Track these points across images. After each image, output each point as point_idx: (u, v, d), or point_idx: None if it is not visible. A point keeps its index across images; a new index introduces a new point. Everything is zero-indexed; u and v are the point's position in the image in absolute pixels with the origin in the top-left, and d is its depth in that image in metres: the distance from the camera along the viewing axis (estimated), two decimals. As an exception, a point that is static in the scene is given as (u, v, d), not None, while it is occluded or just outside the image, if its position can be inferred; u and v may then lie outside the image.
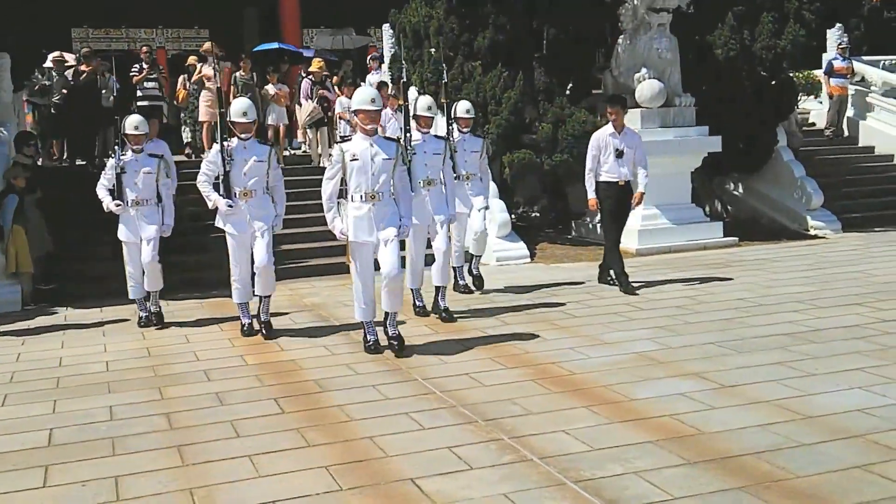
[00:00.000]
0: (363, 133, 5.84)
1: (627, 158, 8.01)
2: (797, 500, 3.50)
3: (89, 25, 24.48)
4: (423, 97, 7.28)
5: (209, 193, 6.59)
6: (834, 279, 8.30)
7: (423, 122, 7.08)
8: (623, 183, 8.04)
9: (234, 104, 6.70)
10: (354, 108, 5.88)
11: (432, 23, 12.35)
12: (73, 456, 4.32)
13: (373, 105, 5.76)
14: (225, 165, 6.48)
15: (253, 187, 6.54)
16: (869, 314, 6.74)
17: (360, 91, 6.01)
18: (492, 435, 4.37)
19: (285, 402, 5.09)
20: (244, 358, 6.23)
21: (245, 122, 6.55)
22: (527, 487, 3.71)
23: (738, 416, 4.52)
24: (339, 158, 5.81)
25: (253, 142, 6.64)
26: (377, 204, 5.80)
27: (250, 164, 6.50)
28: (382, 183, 5.79)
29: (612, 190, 8.02)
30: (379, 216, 5.82)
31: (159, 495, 3.79)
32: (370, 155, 5.76)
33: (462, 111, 7.83)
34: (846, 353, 5.62)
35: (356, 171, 5.76)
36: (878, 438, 4.12)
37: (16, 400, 5.41)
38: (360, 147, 5.79)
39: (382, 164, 5.77)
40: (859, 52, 20.79)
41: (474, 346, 6.19)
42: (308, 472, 3.98)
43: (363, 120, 5.81)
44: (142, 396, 5.32)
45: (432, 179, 6.99)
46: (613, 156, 7.97)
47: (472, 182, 7.83)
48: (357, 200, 5.80)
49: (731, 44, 11.61)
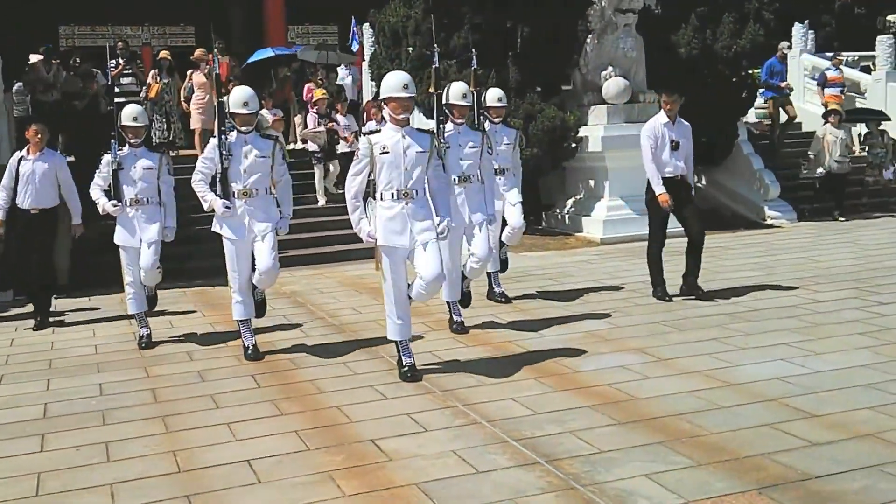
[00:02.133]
0: (394, 123, 5.18)
1: (683, 151, 7.30)
2: (707, 451, 3.99)
3: (75, 23, 24.78)
4: (457, 83, 6.47)
5: (204, 194, 5.92)
6: (780, 265, 8.84)
7: (458, 112, 6.32)
8: (679, 178, 7.29)
9: (234, 93, 5.91)
10: (384, 95, 5.17)
11: (410, 22, 12.80)
12: (67, 426, 4.77)
13: (405, 91, 5.10)
14: (223, 162, 5.79)
15: (254, 186, 5.84)
16: (805, 296, 7.27)
17: (391, 76, 5.26)
18: (447, 403, 4.85)
19: (261, 378, 5.55)
20: (226, 342, 6.68)
21: (246, 114, 5.83)
22: (474, 445, 4.19)
23: (669, 384, 5.02)
24: (367, 151, 5.15)
25: (254, 136, 5.95)
26: (411, 202, 5.15)
27: (251, 160, 5.82)
28: (416, 179, 5.16)
29: (667, 186, 7.17)
30: (414, 216, 5.17)
31: (145, 457, 4.25)
32: (402, 147, 5.12)
33: (493, 99, 7.07)
34: (777, 330, 6.14)
35: (387, 166, 5.12)
36: (790, 402, 4.63)
37: (12, 379, 5.86)
38: (390, 139, 5.15)
39: (416, 157, 5.14)
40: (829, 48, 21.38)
41: (440, 329, 6.67)
42: (279, 435, 4.44)
43: (394, 109, 5.14)
44: (129, 375, 5.77)
45: (469, 176, 6.30)
46: (669, 148, 7.21)
47: (505, 176, 7.12)
48: (388, 199, 5.14)
49: (693, 43, 12.12)
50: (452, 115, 6.31)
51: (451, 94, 6.31)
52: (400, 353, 5.39)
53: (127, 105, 6.68)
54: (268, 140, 6.05)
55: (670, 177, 7.24)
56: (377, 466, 3.96)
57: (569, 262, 9.79)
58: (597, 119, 11.66)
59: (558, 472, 3.80)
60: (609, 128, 11.48)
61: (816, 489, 3.53)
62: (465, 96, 6.33)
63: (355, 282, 9.04)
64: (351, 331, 6.81)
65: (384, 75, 7.86)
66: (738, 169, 13.11)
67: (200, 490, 3.77)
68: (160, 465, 4.10)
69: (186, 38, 27.47)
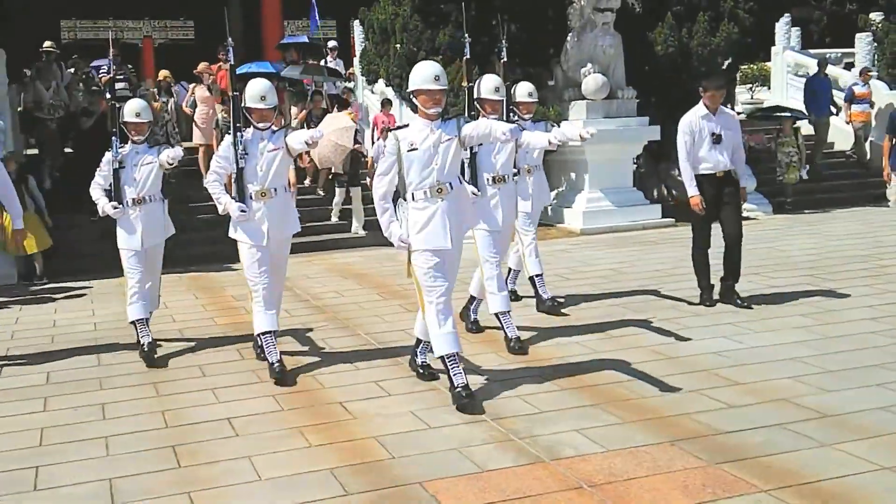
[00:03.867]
0: (424, 118, 4.76)
1: (726, 144, 6.68)
2: (634, 412, 4.48)
3: (77, 17, 25.27)
4: (489, 76, 5.99)
5: (219, 196, 5.47)
6: (745, 253, 9.25)
7: (490, 107, 5.83)
8: (721, 174, 6.71)
9: (251, 86, 5.45)
10: (413, 88, 4.77)
11: (398, 20, 13.28)
12: (67, 390, 5.29)
13: (437, 83, 4.69)
14: (238, 161, 5.36)
15: (272, 186, 5.40)
16: (760, 281, 7.76)
17: (421, 67, 4.82)
18: (409, 372, 5.34)
19: (246, 351, 6.05)
20: (215, 320, 7.20)
21: (264, 109, 5.40)
22: (429, 407, 4.69)
23: (616, 356, 5.50)
24: (395, 149, 4.75)
25: (271, 132, 5.47)
26: (448, 197, 4.73)
27: (267, 157, 5.37)
28: (449, 172, 4.74)
29: (709, 184, 6.68)
30: (455, 212, 4.75)
31: (137, 416, 4.75)
32: (433, 142, 4.70)
33: (524, 94, 6.56)
34: (726, 311, 6.63)
35: (416, 164, 4.70)
36: (720, 372, 5.12)
37: (17, 351, 6.37)
38: (419, 134, 4.73)
39: (446, 147, 4.72)
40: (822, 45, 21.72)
41: (415, 310, 7.16)
42: (257, 399, 4.95)
43: (424, 102, 4.73)
44: (124, 348, 6.27)
45: (503, 175, 5.86)
46: (709, 141, 6.63)
47: (534, 176, 6.68)
48: (421, 199, 4.72)
49: (669, 41, 12.58)
50: (484, 110, 5.83)
51: (483, 88, 5.82)
52: (451, 372, 4.70)
53: (130, 100, 6.33)
54: (280, 132, 5.52)
55: (709, 173, 6.66)
56: (342, 423, 4.47)
57: (547, 251, 10.24)
58: (577, 114, 12.13)
59: (500, 427, 4.29)
60: (588, 123, 11.93)
61: (722, 441, 4.03)
62: (497, 90, 5.82)
63: (343, 268, 9.54)
64: (332, 312, 7.30)
65: (374, 71, 8.18)
66: (716, 163, 13.57)
67: (185, 442, 4.28)
68: (150, 422, 4.61)
69: (187, 31, 28.02)
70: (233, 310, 7.57)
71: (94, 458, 4.11)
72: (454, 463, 3.88)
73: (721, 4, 12.76)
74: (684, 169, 6.75)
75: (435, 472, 3.76)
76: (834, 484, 3.53)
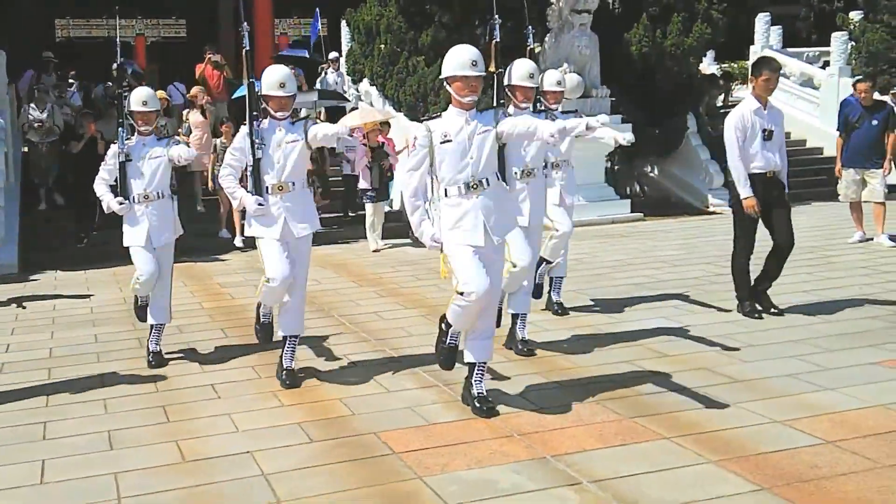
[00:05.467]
0: (458, 107, 4.39)
1: (776, 141, 6.30)
2: (569, 375, 5.09)
3: (71, 16, 25.77)
4: (522, 61, 5.49)
5: (234, 190, 5.21)
6: (703, 245, 9.94)
7: (522, 95, 5.39)
8: (771, 174, 6.28)
9: (269, 73, 5.13)
10: (447, 74, 4.40)
11: (382, 21, 13.86)
12: (68, 363, 5.88)
13: (473, 70, 4.31)
14: (255, 152, 5.07)
15: (290, 179, 5.09)
16: (712, 269, 8.35)
17: (456, 51, 4.41)
18: (376, 347, 5.94)
19: (230, 330, 6.66)
20: (202, 304, 7.79)
21: (283, 97, 5.07)
22: (390, 373, 5.30)
23: (561, 335, 6.09)
24: (426, 141, 4.38)
25: (289, 122, 5.15)
26: (485, 193, 4.37)
27: (285, 149, 5.06)
28: (486, 166, 4.37)
29: (758, 185, 6.21)
30: (491, 209, 4.40)
31: (132, 384, 5.34)
32: (468, 133, 4.33)
33: (551, 83, 6.03)
34: (673, 297, 7.20)
35: (449, 157, 4.34)
36: (651, 345, 5.71)
37: (21, 331, 6.98)
38: (453, 125, 4.36)
39: (482, 139, 4.35)
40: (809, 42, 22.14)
41: (392, 295, 7.76)
42: (239, 369, 5.55)
43: (459, 90, 4.35)
44: (119, 328, 6.88)
45: (532, 169, 5.44)
46: (760, 138, 6.20)
47: (563, 170, 6.34)
48: (454, 195, 4.38)
49: (644, 41, 13.18)
50: (515, 98, 5.40)
51: (515, 75, 5.36)
52: (472, 377, 4.57)
53: (136, 89, 5.88)
54: (299, 122, 5.21)
55: (760, 173, 6.22)
56: (312, 387, 5.08)
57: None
58: (551, 113, 12.70)
59: (451, 391, 4.88)
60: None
61: (643, 400, 4.64)
62: (531, 76, 5.37)
63: (325, 260, 10.13)
64: (310, 297, 7.85)
65: (359, 71, 8.46)
66: (687, 159, 14.19)
67: (173, 402, 4.89)
68: (143, 388, 5.22)
69: (179, 28, 28.53)
70: (219, 295, 8.17)
71: (94, 416, 4.71)
72: (406, 418, 4.48)
73: (695, 5, 13.35)
74: (736, 168, 6.23)
75: (388, 426, 4.37)
76: (729, 433, 4.13)
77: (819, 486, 3.53)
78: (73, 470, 3.98)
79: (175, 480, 3.81)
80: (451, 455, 3.96)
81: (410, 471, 3.82)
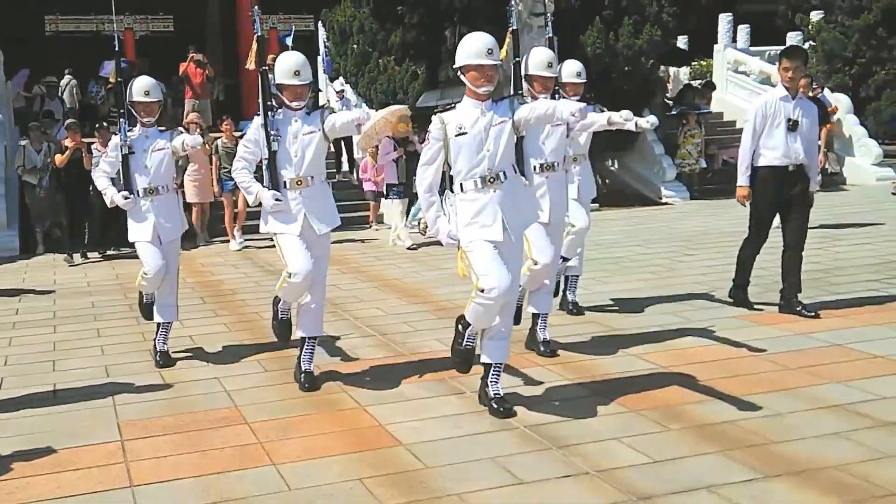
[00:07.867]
0: (473, 98, 4.27)
1: (803, 134, 5.99)
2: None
3: (61, 13, 26.53)
4: (541, 49, 5.34)
5: (249, 185, 4.91)
6: (646, 231, 10.84)
7: (540, 85, 5.18)
8: (793, 168, 5.98)
9: (282, 60, 4.86)
10: (461, 63, 4.24)
11: (355, 22, 14.79)
12: (70, 321, 6.90)
13: (489, 58, 4.18)
14: (270, 145, 4.83)
15: (308, 173, 4.85)
16: (641, 251, 9.32)
17: (471, 39, 4.25)
18: (365, 332, 6.45)
19: (210, 300, 7.65)
20: (186, 280, 8.68)
21: (298, 85, 4.81)
22: (366, 346, 5.98)
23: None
24: (440, 134, 4.26)
25: (305, 113, 4.89)
26: (502, 188, 4.25)
27: (302, 141, 4.82)
28: (502, 158, 4.24)
29: (776, 177, 5.97)
30: (509, 204, 4.28)
31: (125, 336, 6.33)
32: (483, 125, 4.21)
33: (570, 74, 5.79)
34: (608, 272, 8.10)
35: (465, 150, 4.23)
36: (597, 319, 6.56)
37: (28, 301, 7.99)
38: (468, 116, 4.24)
39: (499, 131, 4.22)
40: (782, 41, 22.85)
41: (376, 280, 8.73)
42: (221, 333, 6.50)
43: (474, 79, 4.21)
44: (113, 297, 7.89)
45: (553, 163, 5.20)
46: (784, 128, 5.94)
47: (579, 165, 6.06)
48: (471, 189, 4.26)
49: (598, 44, 14.17)
50: (533, 88, 5.18)
51: (533, 64, 5.20)
52: (493, 387, 4.45)
53: (137, 78, 5.60)
54: (315, 113, 4.95)
55: (780, 166, 5.97)
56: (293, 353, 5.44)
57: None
58: (513, 110, 13.64)
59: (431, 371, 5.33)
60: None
61: (589, 365, 5.19)
62: (550, 65, 5.19)
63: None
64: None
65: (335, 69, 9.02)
66: (642, 154, 15.21)
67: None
68: (134, 342, 6.18)
69: (166, 23, 29.31)
70: (201, 273, 9.13)
71: (93, 356, 5.72)
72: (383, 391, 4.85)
73: (646, 8, 14.31)
74: (742, 152, 6.10)
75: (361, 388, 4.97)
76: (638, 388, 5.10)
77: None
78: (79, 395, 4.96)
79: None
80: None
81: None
